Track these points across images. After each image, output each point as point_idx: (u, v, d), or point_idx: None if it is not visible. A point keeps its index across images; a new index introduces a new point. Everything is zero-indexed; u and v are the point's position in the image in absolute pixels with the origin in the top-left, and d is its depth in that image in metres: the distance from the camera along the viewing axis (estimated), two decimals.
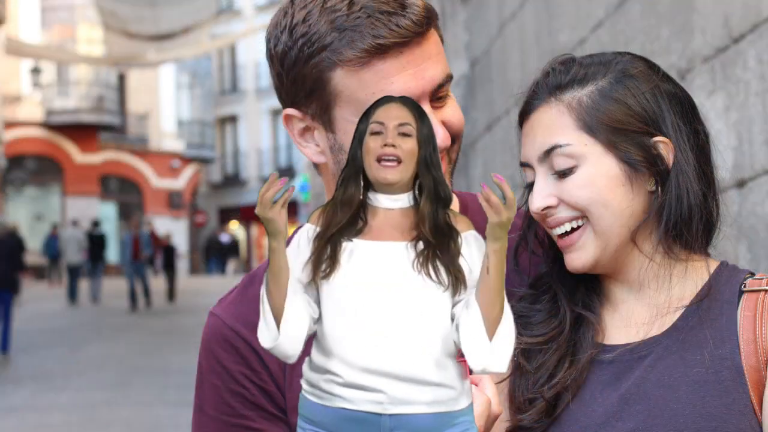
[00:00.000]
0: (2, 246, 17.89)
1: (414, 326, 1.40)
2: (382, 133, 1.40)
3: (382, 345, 1.40)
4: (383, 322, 1.40)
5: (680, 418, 1.73)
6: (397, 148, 1.39)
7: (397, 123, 1.40)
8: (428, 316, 1.41)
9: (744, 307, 1.79)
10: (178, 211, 43.36)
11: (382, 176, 1.40)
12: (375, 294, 1.40)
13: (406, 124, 1.40)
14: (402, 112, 1.41)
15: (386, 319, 1.40)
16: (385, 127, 1.40)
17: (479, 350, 1.40)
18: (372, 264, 1.41)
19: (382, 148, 1.39)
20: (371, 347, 1.40)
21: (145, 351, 17.89)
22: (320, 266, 1.41)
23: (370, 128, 1.41)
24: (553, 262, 1.90)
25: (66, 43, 39.03)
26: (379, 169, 1.40)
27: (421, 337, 1.40)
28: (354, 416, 1.41)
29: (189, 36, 26.33)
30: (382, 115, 1.41)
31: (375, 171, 1.40)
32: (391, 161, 1.40)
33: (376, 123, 1.40)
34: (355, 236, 1.42)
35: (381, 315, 1.40)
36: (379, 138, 1.40)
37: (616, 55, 1.88)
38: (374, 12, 1.74)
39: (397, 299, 1.40)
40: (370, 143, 1.40)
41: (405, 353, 1.40)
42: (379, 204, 1.43)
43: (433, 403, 1.41)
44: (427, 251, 1.40)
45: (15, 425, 11.87)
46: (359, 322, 1.40)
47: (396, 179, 1.40)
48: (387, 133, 1.40)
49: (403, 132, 1.40)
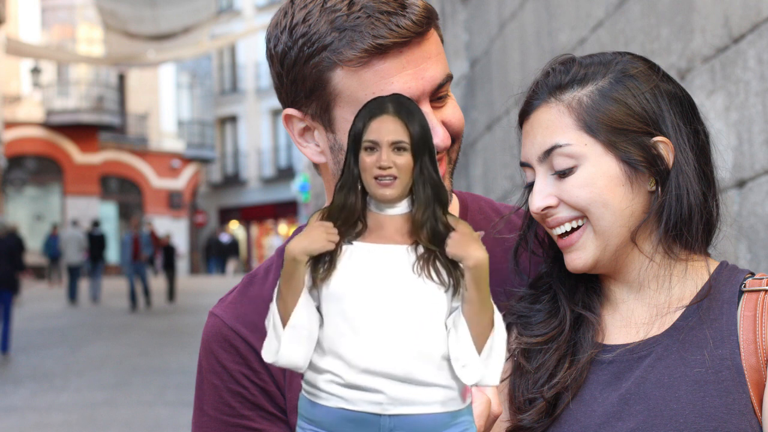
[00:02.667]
0: (2, 246, 17.89)
1: (413, 327, 1.40)
2: (376, 149, 1.41)
3: (382, 346, 1.40)
4: (382, 323, 1.40)
5: (680, 418, 1.73)
6: (392, 167, 1.40)
7: (390, 140, 1.41)
8: (428, 318, 1.41)
9: (744, 307, 1.79)
10: (178, 211, 43.36)
11: (380, 194, 1.42)
12: (374, 295, 1.40)
13: (400, 141, 1.40)
14: (394, 126, 1.41)
15: (385, 320, 1.40)
16: (379, 145, 1.41)
17: (470, 366, 1.40)
18: (371, 266, 1.41)
19: (377, 169, 1.40)
20: (370, 348, 1.40)
21: (144, 351, 17.89)
22: (318, 269, 1.41)
23: (363, 145, 1.41)
24: (553, 262, 1.90)
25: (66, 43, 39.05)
26: (377, 187, 1.41)
27: (420, 339, 1.41)
28: (353, 416, 1.41)
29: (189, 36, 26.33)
30: (375, 133, 1.41)
31: (373, 188, 1.42)
32: (387, 180, 1.41)
33: (369, 141, 1.41)
34: (354, 239, 1.43)
35: (380, 316, 1.40)
36: (374, 155, 1.41)
37: (616, 55, 1.88)
38: (374, 12, 1.74)
39: (396, 301, 1.40)
40: (366, 159, 1.41)
41: (404, 354, 1.40)
42: (379, 210, 1.44)
43: (432, 403, 1.41)
44: (428, 254, 1.41)
45: (15, 425, 11.87)
46: (359, 323, 1.40)
47: (394, 195, 1.42)
48: (381, 153, 1.40)
49: (397, 148, 1.41)
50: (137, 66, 34.91)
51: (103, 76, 40.86)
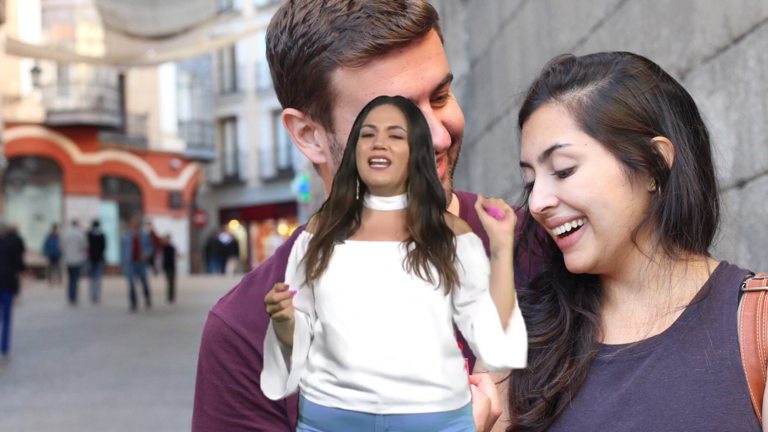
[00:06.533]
0: (2, 246, 17.89)
1: (407, 326, 1.41)
2: (373, 135, 1.41)
3: (376, 345, 1.40)
4: (376, 322, 1.40)
5: (680, 418, 1.73)
6: (387, 150, 1.41)
7: (388, 125, 1.41)
8: (421, 316, 1.41)
9: (744, 307, 1.79)
10: (178, 211, 43.35)
11: (372, 178, 1.42)
12: (367, 294, 1.41)
13: (397, 126, 1.41)
14: (394, 114, 1.42)
15: (379, 318, 1.40)
16: (376, 130, 1.41)
17: (496, 347, 1.41)
18: (363, 264, 1.42)
19: (372, 150, 1.40)
20: (365, 347, 1.40)
21: (144, 351, 17.89)
22: (311, 268, 1.42)
23: (362, 131, 1.43)
24: (553, 262, 1.90)
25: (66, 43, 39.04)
26: (370, 171, 1.42)
27: (414, 337, 1.41)
28: (348, 416, 1.41)
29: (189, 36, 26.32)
30: (374, 118, 1.43)
31: (366, 173, 1.42)
32: (381, 163, 1.41)
33: (368, 126, 1.42)
34: (347, 237, 1.44)
35: (373, 315, 1.41)
36: (370, 140, 1.41)
37: (616, 55, 1.88)
38: (374, 12, 1.74)
39: (389, 299, 1.41)
40: (362, 145, 1.42)
41: (398, 353, 1.40)
42: (373, 206, 1.44)
43: (427, 402, 1.41)
44: (418, 251, 1.41)
45: (15, 425, 11.86)
46: (352, 323, 1.41)
47: (386, 180, 1.42)
48: (378, 136, 1.41)
49: (394, 134, 1.42)
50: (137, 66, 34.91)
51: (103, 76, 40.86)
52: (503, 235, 1.39)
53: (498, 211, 1.39)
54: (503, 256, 1.39)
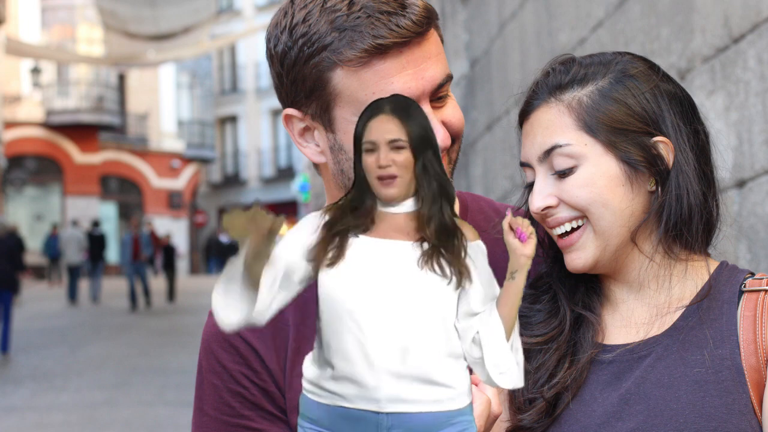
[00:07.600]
0: (2, 246, 17.89)
1: (415, 324, 1.41)
2: (375, 151, 1.42)
3: (381, 343, 1.40)
4: (383, 319, 1.40)
5: (680, 418, 1.73)
6: (391, 165, 1.42)
7: (388, 140, 1.42)
8: (430, 315, 1.41)
9: (744, 307, 1.79)
10: (178, 211, 43.35)
11: (384, 193, 1.43)
12: (376, 291, 1.41)
13: (396, 139, 1.42)
14: (391, 127, 1.43)
15: (386, 316, 1.40)
16: (377, 145, 1.42)
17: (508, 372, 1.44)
18: (375, 260, 1.42)
19: (378, 169, 1.42)
20: (370, 345, 1.40)
21: (144, 351, 17.89)
22: (326, 255, 1.42)
23: (363, 147, 1.44)
24: (553, 262, 1.90)
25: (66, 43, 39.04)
26: (380, 187, 1.43)
27: (421, 336, 1.41)
28: (352, 414, 1.41)
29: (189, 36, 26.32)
30: (374, 133, 1.43)
31: (377, 189, 1.44)
32: (388, 179, 1.42)
33: (368, 143, 1.43)
34: (361, 233, 1.44)
35: (381, 312, 1.40)
36: (373, 156, 1.42)
37: (616, 55, 1.88)
38: (374, 12, 1.74)
39: (398, 297, 1.41)
40: (368, 161, 1.43)
41: (404, 351, 1.40)
42: (385, 209, 1.45)
43: (430, 401, 1.41)
44: (432, 249, 1.41)
45: (15, 425, 11.87)
46: (359, 320, 1.41)
47: (396, 194, 1.43)
48: (380, 153, 1.42)
49: (395, 146, 1.42)
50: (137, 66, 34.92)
51: (103, 76, 40.87)
52: (524, 258, 1.41)
53: (524, 233, 1.41)
54: (519, 277, 1.42)
